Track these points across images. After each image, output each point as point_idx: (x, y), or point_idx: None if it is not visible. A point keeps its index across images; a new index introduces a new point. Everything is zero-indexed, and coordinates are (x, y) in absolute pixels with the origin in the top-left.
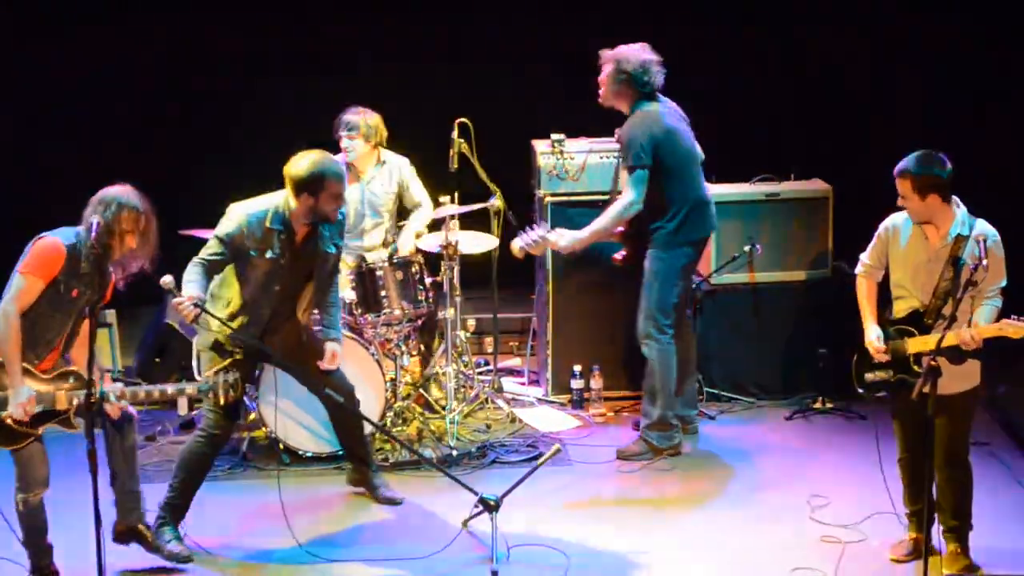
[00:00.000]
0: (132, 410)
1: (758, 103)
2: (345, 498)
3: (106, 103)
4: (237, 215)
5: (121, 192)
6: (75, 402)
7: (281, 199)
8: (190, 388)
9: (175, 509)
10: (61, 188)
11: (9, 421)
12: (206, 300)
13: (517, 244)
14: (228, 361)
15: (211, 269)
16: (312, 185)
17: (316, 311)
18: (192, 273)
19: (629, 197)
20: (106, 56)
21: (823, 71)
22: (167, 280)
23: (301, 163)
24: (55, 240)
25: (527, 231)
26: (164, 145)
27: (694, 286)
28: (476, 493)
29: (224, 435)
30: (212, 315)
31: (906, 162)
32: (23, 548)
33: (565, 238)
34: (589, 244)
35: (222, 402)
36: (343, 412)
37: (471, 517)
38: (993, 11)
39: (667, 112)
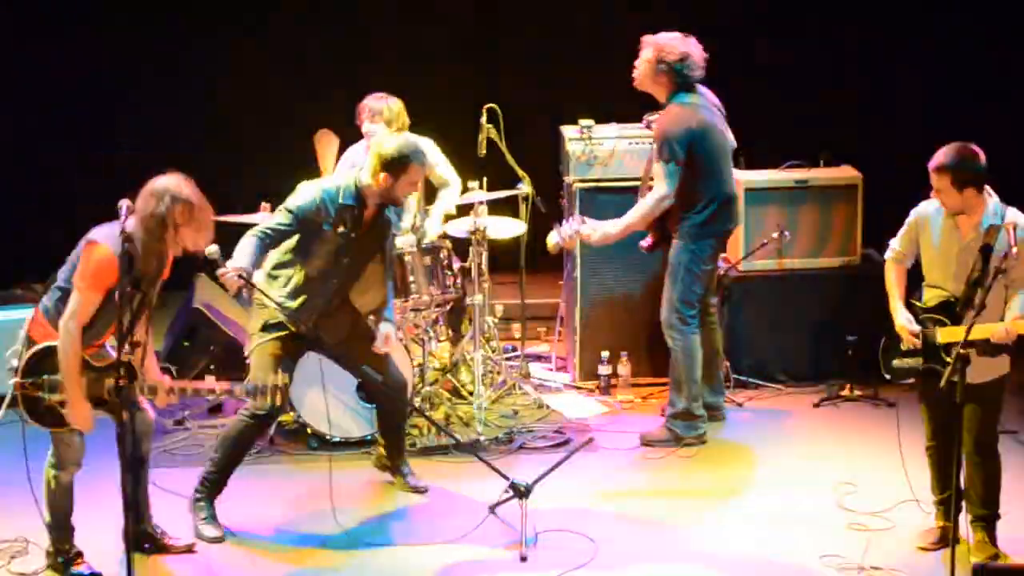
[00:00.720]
0: (152, 414)
1: (789, 88)
2: (372, 483)
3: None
4: (311, 190)
5: (172, 184)
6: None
7: (351, 178)
8: (238, 389)
9: (213, 484)
10: (61, 188)
11: (60, 408)
12: (252, 275)
13: (553, 239)
14: (274, 346)
15: (270, 242)
16: (396, 166)
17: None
18: (246, 245)
19: (662, 191)
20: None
21: (857, 56)
22: (212, 250)
23: (390, 143)
24: (109, 253)
25: (560, 225)
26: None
27: (722, 272)
28: (508, 479)
29: (270, 418)
30: (255, 287)
31: (942, 156)
32: (47, 529)
33: (598, 232)
34: (621, 238)
35: (269, 404)
36: (386, 398)
37: (500, 502)
38: None
39: (703, 105)
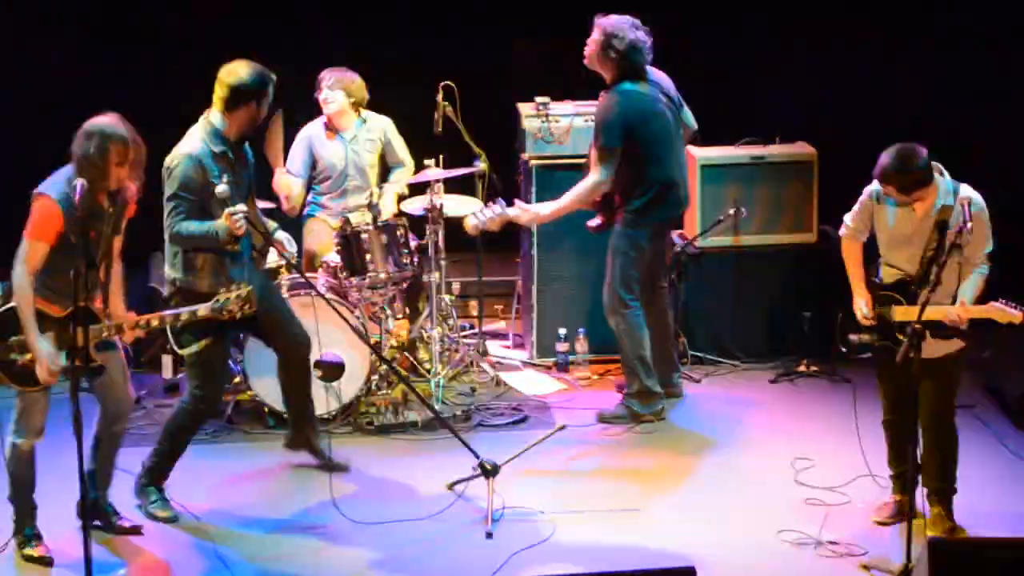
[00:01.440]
0: (133, 392)
1: (744, 65)
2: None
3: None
4: (178, 163)
5: (106, 123)
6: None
7: (204, 127)
8: (202, 310)
9: (157, 473)
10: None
11: (26, 363)
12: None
13: (471, 222)
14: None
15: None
16: (257, 91)
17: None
18: (191, 224)
19: (596, 177)
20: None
21: (809, 33)
22: (222, 190)
23: (241, 71)
24: (48, 200)
25: (483, 209)
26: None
27: (679, 249)
28: (478, 456)
29: (210, 403)
30: (256, 228)
31: (885, 164)
32: (9, 502)
33: (528, 214)
34: (552, 220)
35: (238, 316)
36: (289, 363)
37: (463, 480)
38: None
39: (647, 94)
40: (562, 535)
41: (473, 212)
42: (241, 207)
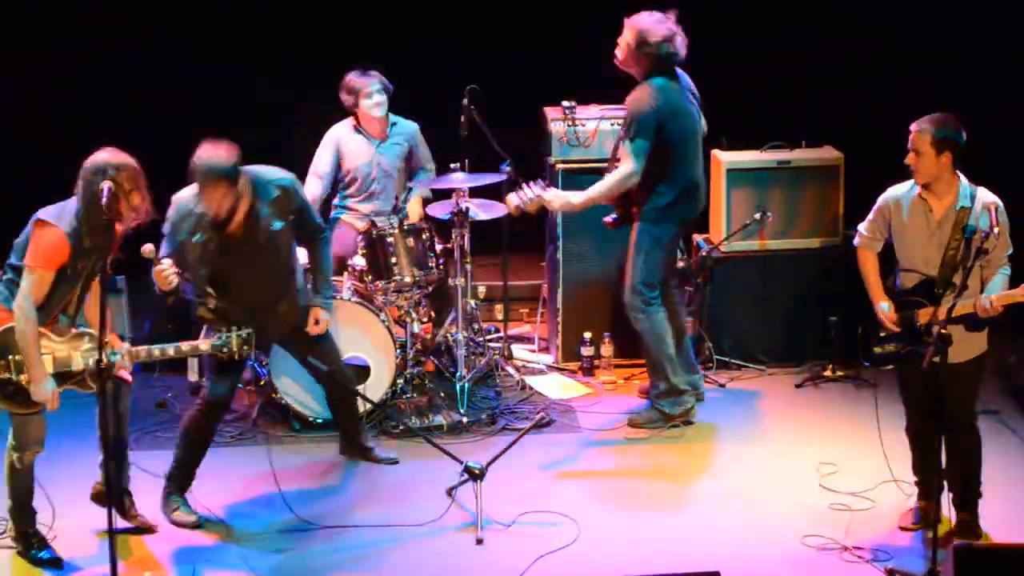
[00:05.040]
0: (127, 375)
1: (771, 69)
2: (349, 465)
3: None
4: (173, 208)
5: (110, 156)
6: (91, 363)
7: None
8: (204, 345)
9: (179, 480)
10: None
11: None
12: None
13: (513, 201)
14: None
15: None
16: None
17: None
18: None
19: (629, 168)
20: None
21: (835, 36)
22: (148, 248)
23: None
24: (58, 233)
25: (525, 188)
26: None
27: (705, 253)
28: (460, 461)
29: (222, 404)
30: (192, 282)
31: (926, 118)
32: (8, 514)
33: (559, 199)
34: (583, 209)
35: (236, 357)
36: (335, 386)
37: (456, 486)
38: None
39: (678, 90)
40: (586, 539)
41: (515, 191)
42: (163, 265)
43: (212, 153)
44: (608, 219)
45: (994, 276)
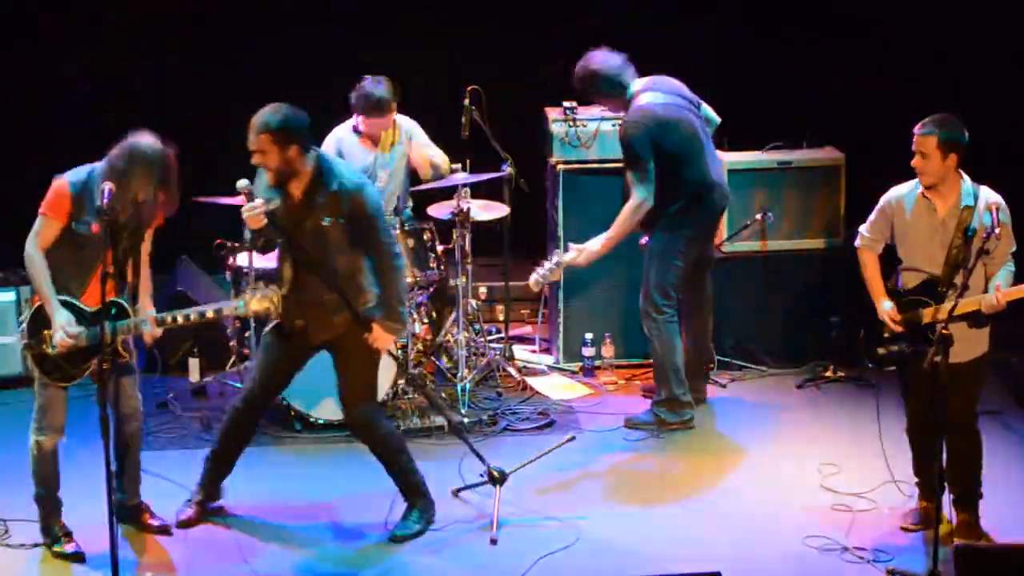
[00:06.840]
0: (139, 405)
1: (772, 70)
2: (353, 464)
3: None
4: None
5: (144, 143)
6: (121, 337)
7: None
8: (228, 308)
9: (207, 485)
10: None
11: (58, 356)
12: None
13: (534, 279)
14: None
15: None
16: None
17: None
18: None
19: (637, 197)
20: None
21: (837, 37)
22: (243, 184)
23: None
24: (62, 182)
25: (541, 265)
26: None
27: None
28: (486, 464)
29: (255, 407)
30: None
31: (930, 120)
32: (35, 502)
33: (583, 254)
34: (607, 252)
35: (262, 317)
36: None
37: (470, 486)
38: None
39: (659, 103)
40: (587, 539)
41: (535, 271)
42: (257, 202)
43: (270, 107)
44: (643, 240)
45: (998, 272)
